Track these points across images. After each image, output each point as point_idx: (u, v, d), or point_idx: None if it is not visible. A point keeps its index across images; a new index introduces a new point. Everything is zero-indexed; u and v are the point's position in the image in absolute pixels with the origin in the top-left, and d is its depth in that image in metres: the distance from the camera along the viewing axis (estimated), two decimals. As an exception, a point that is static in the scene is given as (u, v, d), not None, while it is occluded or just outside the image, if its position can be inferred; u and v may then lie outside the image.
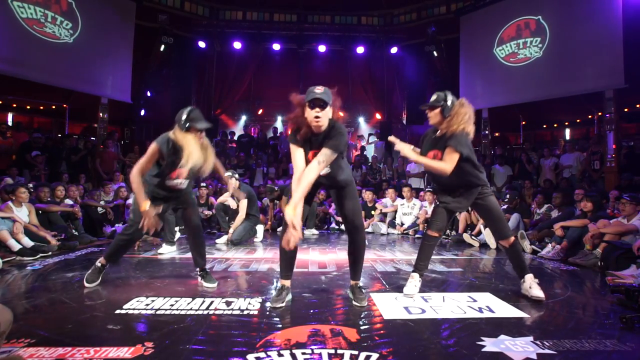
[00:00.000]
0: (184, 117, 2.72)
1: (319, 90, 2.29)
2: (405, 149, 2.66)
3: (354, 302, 2.55)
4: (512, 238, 2.75)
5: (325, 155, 2.28)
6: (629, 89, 6.91)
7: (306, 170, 2.29)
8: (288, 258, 2.60)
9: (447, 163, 2.54)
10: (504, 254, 4.65)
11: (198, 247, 3.03)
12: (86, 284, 2.83)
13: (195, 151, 2.68)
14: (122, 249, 2.93)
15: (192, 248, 3.05)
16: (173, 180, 2.81)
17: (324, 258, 4.28)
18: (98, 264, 2.89)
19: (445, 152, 2.57)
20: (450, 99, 2.66)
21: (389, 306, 2.51)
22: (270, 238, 5.91)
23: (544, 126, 13.67)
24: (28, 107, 11.33)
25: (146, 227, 2.56)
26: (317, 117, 2.27)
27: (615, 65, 6.88)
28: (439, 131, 2.70)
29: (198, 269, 3.05)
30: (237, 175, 5.54)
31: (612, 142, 7.06)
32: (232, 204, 5.58)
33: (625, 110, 9.51)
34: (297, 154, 2.40)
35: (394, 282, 3.18)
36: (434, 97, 2.70)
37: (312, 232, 6.36)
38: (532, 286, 2.66)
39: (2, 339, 1.49)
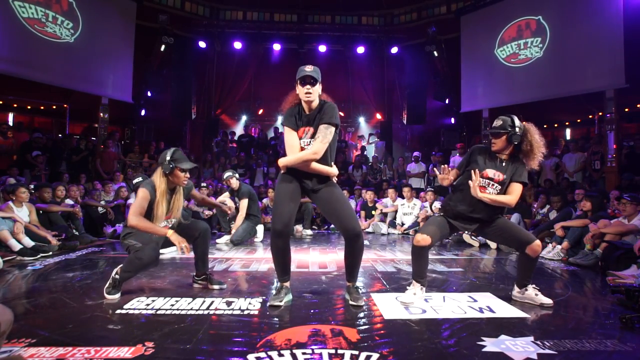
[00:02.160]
0: (167, 157, 2.67)
1: (308, 68, 2.44)
2: (475, 189, 2.51)
3: (351, 302, 2.55)
4: (539, 242, 2.55)
5: (322, 131, 2.40)
6: (630, 89, 6.90)
7: (308, 148, 2.42)
8: (281, 262, 2.57)
9: (513, 197, 2.52)
10: (504, 254, 4.68)
11: (206, 252, 2.92)
12: (108, 296, 2.60)
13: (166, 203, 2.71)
14: (137, 271, 2.67)
15: (199, 254, 2.90)
16: (165, 221, 2.77)
17: (324, 258, 4.28)
18: (116, 276, 2.65)
19: (513, 187, 2.54)
20: (517, 124, 2.55)
21: (389, 306, 2.51)
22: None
23: (545, 126, 13.64)
24: (29, 107, 11.34)
25: (185, 249, 2.55)
26: (307, 92, 2.42)
27: (615, 65, 6.88)
28: (502, 155, 2.60)
29: (198, 276, 2.94)
30: (237, 176, 5.55)
31: (613, 142, 7.06)
32: (231, 204, 5.58)
33: (626, 110, 9.50)
34: (292, 135, 2.48)
35: (394, 282, 3.18)
36: (499, 123, 2.58)
37: (307, 232, 6.35)
38: (537, 294, 2.60)
39: (3, 339, 1.49)
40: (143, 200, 2.61)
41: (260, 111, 12.57)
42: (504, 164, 2.59)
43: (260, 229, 5.64)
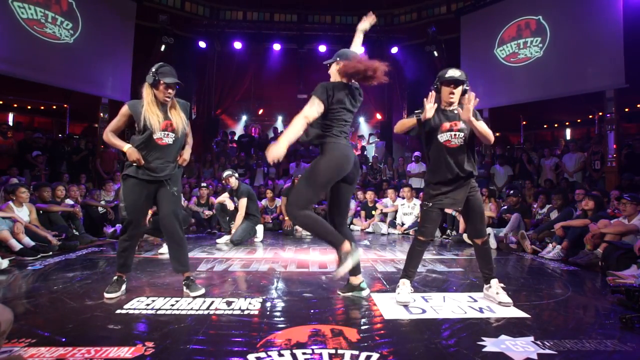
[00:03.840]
0: (152, 69, 2.59)
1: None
2: (468, 111, 2.41)
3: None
4: (487, 236, 2.68)
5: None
6: (630, 89, 6.90)
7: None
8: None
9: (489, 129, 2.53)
10: (504, 254, 4.68)
11: (177, 254, 2.72)
12: (107, 295, 2.59)
13: (151, 109, 2.58)
14: (127, 252, 2.70)
15: (170, 254, 2.77)
16: (162, 131, 2.61)
17: (324, 258, 4.28)
18: (115, 277, 2.72)
19: (483, 124, 2.48)
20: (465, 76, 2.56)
21: (390, 306, 2.51)
22: (271, 238, 5.91)
23: (545, 126, 13.67)
24: (29, 107, 11.35)
25: (134, 159, 2.55)
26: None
27: (615, 65, 6.88)
28: (451, 108, 2.58)
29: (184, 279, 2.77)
30: (236, 175, 5.54)
31: (613, 142, 7.06)
32: (230, 204, 5.58)
33: (626, 110, 9.50)
34: None
35: (394, 282, 3.16)
36: (459, 73, 2.53)
37: (307, 232, 6.34)
38: (499, 292, 2.58)
39: (3, 338, 1.49)
40: (120, 117, 2.64)
41: (260, 111, 12.58)
42: (455, 111, 2.58)
43: (260, 228, 5.64)
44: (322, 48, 10.71)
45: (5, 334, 1.48)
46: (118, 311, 2.35)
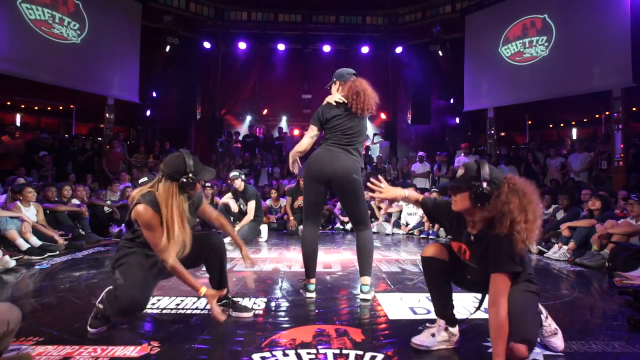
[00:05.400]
0: (190, 163, 1.94)
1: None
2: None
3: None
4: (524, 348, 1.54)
5: None
6: (637, 88, 6.82)
7: None
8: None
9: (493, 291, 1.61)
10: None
11: (222, 272, 2.27)
12: (90, 329, 2.03)
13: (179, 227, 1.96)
14: (115, 311, 2.02)
15: (214, 274, 2.26)
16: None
17: (328, 258, 4.28)
18: (99, 305, 2.10)
19: (495, 278, 1.61)
20: (486, 174, 1.59)
21: (394, 306, 2.51)
22: (275, 238, 5.92)
23: (550, 126, 13.56)
24: (36, 108, 11.48)
25: (218, 317, 1.93)
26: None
27: (623, 64, 6.81)
28: (473, 218, 1.71)
29: (218, 300, 2.15)
30: (243, 177, 5.55)
31: (620, 142, 6.99)
32: (233, 206, 5.58)
33: (634, 109, 9.40)
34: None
35: (399, 283, 3.17)
36: (460, 171, 1.72)
37: None
38: (551, 335, 1.82)
39: (11, 337, 1.50)
40: (156, 224, 1.93)
41: (265, 111, 12.60)
42: (473, 232, 1.73)
43: (264, 228, 5.65)
44: (327, 48, 10.70)
45: (14, 333, 1.49)
46: (124, 310, 2.37)
